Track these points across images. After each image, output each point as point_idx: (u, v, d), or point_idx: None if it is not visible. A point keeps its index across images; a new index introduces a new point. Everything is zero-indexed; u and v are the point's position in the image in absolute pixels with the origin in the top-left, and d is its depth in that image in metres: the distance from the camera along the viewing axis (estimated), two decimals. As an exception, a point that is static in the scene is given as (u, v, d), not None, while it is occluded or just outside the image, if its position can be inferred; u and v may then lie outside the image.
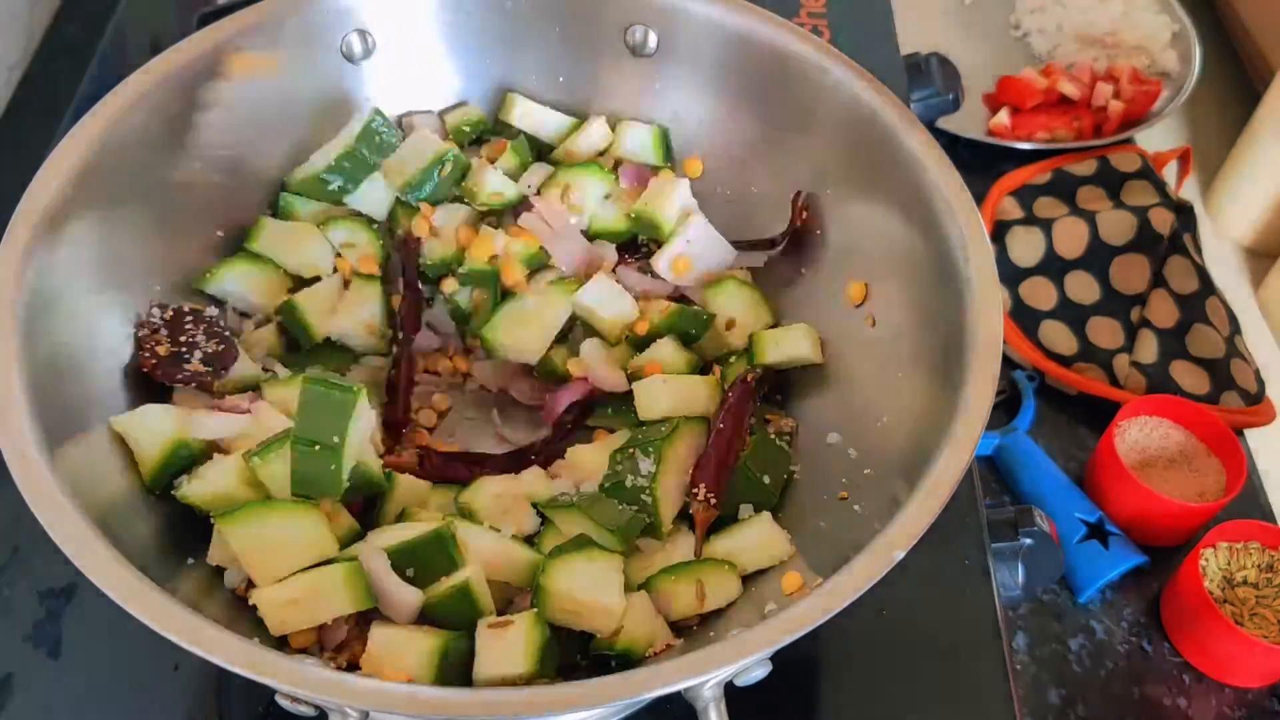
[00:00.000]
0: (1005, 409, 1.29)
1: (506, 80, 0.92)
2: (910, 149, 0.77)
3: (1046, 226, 1.40)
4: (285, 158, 0.87)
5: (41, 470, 0.59)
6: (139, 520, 0.68)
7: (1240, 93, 1.90)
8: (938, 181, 0.74)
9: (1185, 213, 1.41)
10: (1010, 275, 1.38)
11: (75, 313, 0.70)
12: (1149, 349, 1.29)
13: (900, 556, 0.58)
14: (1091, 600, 1.15)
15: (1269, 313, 1.66)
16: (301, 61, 0.85)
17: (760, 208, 0.89)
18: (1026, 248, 1.40)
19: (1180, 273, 1.35)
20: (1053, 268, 1.37)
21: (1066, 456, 1.26)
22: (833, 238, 0.84)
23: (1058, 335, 1.33)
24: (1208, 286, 1.35)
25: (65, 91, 1.14)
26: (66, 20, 1.28)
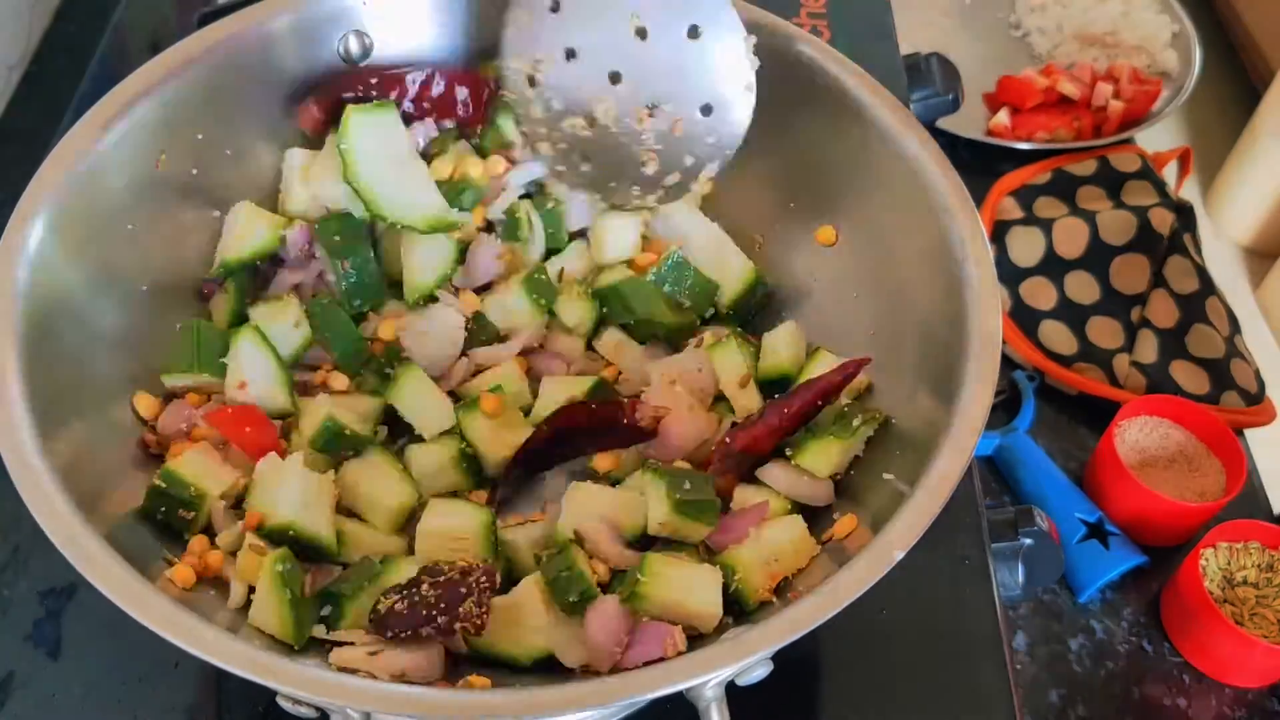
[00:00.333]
0: (1005, 409, 1.29)
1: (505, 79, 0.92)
2: (910, 149, 0.77)
3: (1046, 226, 1.40)
4: (283, 159, 0.87)
5: (40, 471, 0.59)
6: (138, 520, 0.68)
7: (1240, 93, 1.90)
8: (937, 181, 0.74)
9: (1185, 213, 1.41)
10: (1010, 275, 1.38)
11: (75, 313, 0.70)
12: (1149, 349, 1.29)
13: (900, 556, 0.58)
14: (1091, 600, 1.15)
15: (1269, 313, 1.66)
16: (299, 62, 0.84)
17: (760, 209, 0.89)
18: (1026, 248, 1.40)
19: (1180, 273, 1.35)
20: (1053, 268, 1.37)
21: (1066, 456, 1.26)
22: (831, 237, 0.84)
23: (1058, 335, 1.33)
24: (1208, 286, 1.35)
25: (65, 91, 1.14)
26: (66, 20, 1.28)
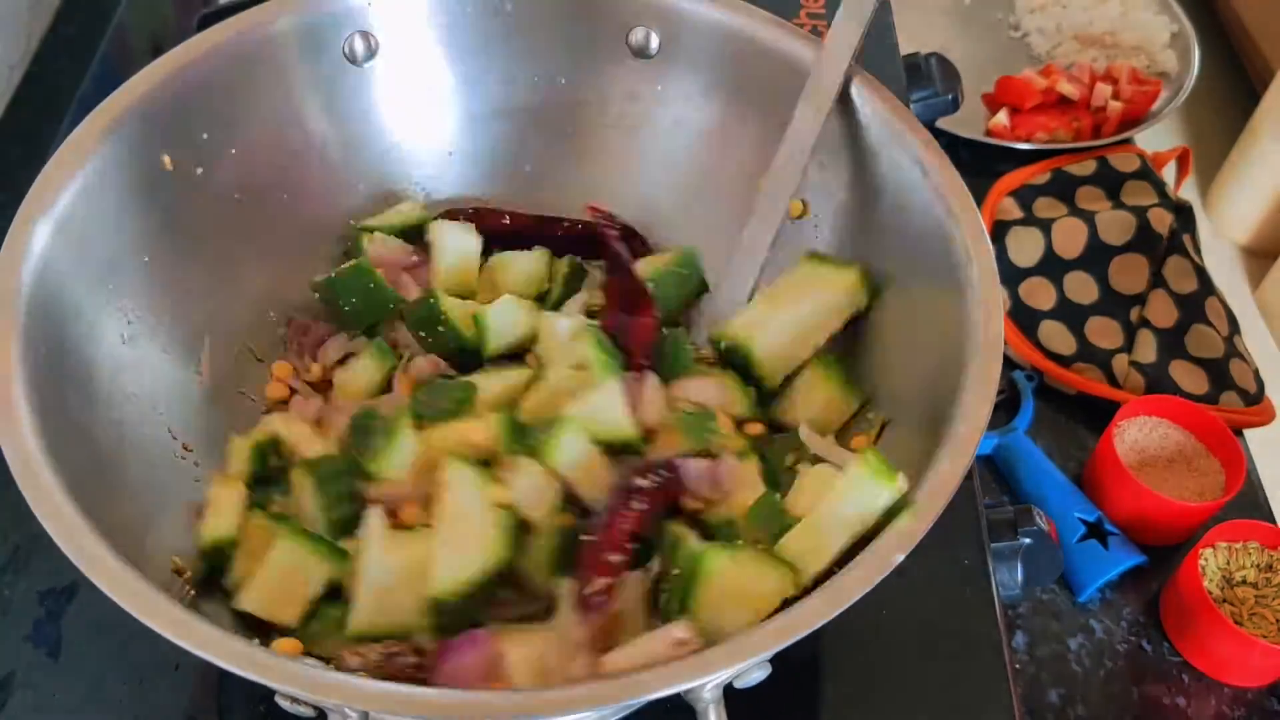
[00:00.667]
0: (1004, 409, 1.29)
1: (508, 80, 0.92)
2: (910, 149, 0.77)
3: (1046, 226, 1.40)
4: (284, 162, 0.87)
5: (42, 470, 0.59)
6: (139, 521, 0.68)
7: (1240, 93, 1.90)
8: (938, 181, 0.74)
9: (1184, 213, 1.41)
10: (1009, 275, 1.38)
11: (78, 314, 0.69)
12: (1148, 349, 1.29)
13: (901, 559, 0.58)
14: (1091, 600, 1.15)
15: (1268, 313, 1.66)
16: (303, 63, 0.84)
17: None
18: (1026, 248, 1.40)
19: (1179, 273, 1.35)
20: (1052, 268, 1.37)
21: (1066, 456, 1.26)
22: (832, 237, 0.84)
23: (1057, 335, 1.33)
24: (1207, 286, 1.35)
25: (65, 91, 1.14)
26: (66, 20, 1.28)
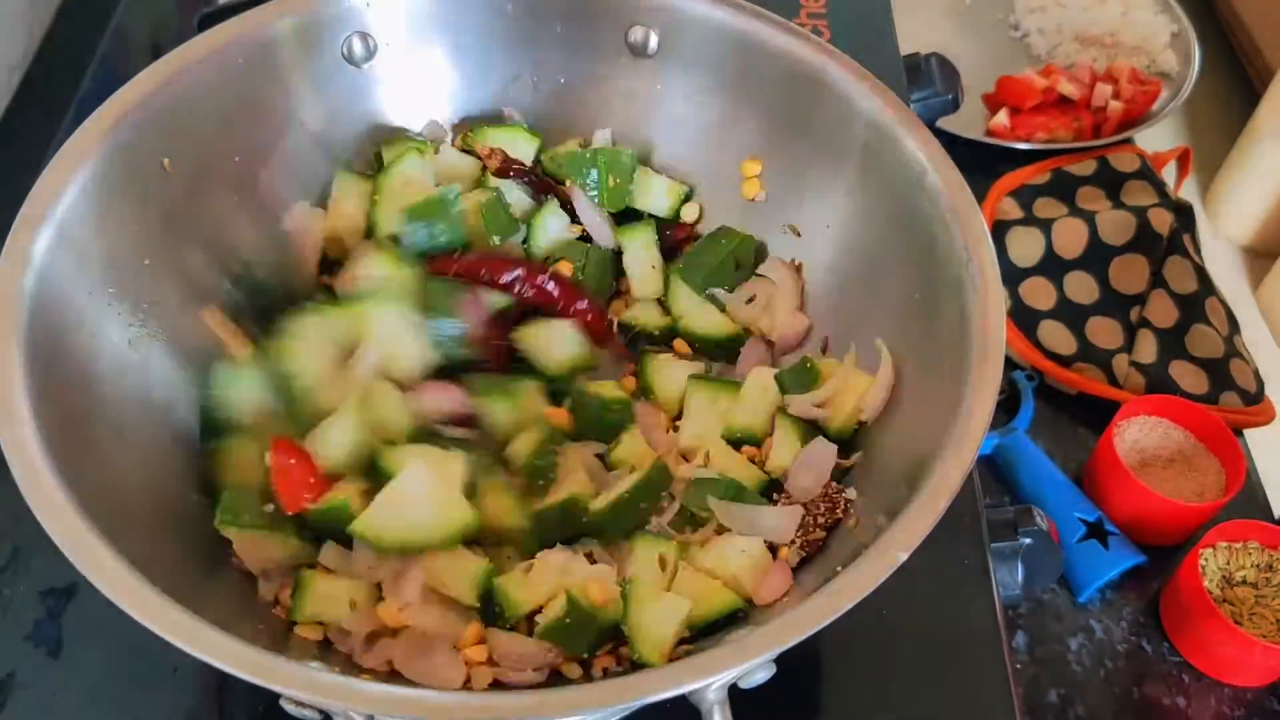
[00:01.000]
0: (1004, 409, 1.29)
1: (507, 81, 0.92)
2: (911, 149, 0.77)
3: (1046, 226, 1.40)
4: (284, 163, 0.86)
5: (43, 470, 0.59)
6: (141, 520, 0.68)
7: (1240, 93, 1.91)
8: (938, 182, 0.74)
9: (1184, 213, 1.41)
10: (1010, 275, 1.38)
11: (79, 315, 0.69)
12: (1148, 349, 1.29)
13: (904, 558, 0.58)
14: (1091, 600, 1.15)
15: (1268, 313, 1.66)
16: (302, 65, 0.84)
17: (757, 208, 0.89)
18: (1026, 248, 1.40)
19: (1179, 273, 1.36)
20: (1052, 268, 1.38)
21: (1066, 456, 1.26)
22: (833, 238, 0.84)
23: (1057, 335, 1.33)
24: (1207, 286, 1.35)
25: (65, 91, 1.14)
26: (66, 20, 1.28)
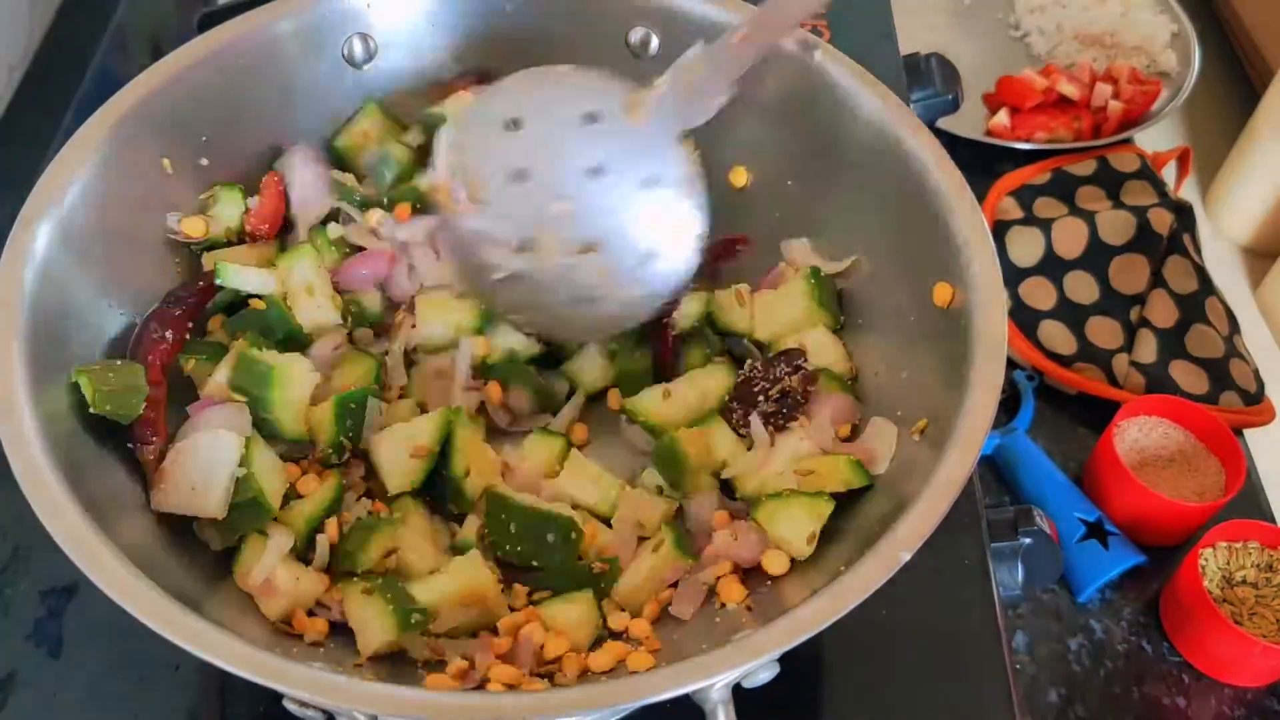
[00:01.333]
0: (1005, 409, 1.29)
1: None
2: (911, 149, 0.77)
3: (1046, 226, 1.40)
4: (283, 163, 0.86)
5: (44, 470, 0.59)
6: (141, 519, 0.68)
7: (1240, 93, 1.91)
8: (939, 182, 0.74)
9: (1184, 213, 1.41)
10: (1010, 275, 1.38)
11: (81, 316, 0.70)
12: (1148, 349, 1.29)
13: (907, 558, 0.58)
14: (1091, 600, 1.15)
15: (1268, 313, 1.66)
16: (303, 65, 0.84)
17: (757, 208, 0.89)
18: (1026, 248, 1.40)
19: (1179, 273, 1.36)
20: (1052, 268, 1.38)
21: (1066, 456, 1.26)
22: (833, 238, 0.84)
23: (1057, 335, 1.33)
24: (1207, 286, 1.35)
25: (66, 92, 1.14)
26: (66, 20, 1.28)
